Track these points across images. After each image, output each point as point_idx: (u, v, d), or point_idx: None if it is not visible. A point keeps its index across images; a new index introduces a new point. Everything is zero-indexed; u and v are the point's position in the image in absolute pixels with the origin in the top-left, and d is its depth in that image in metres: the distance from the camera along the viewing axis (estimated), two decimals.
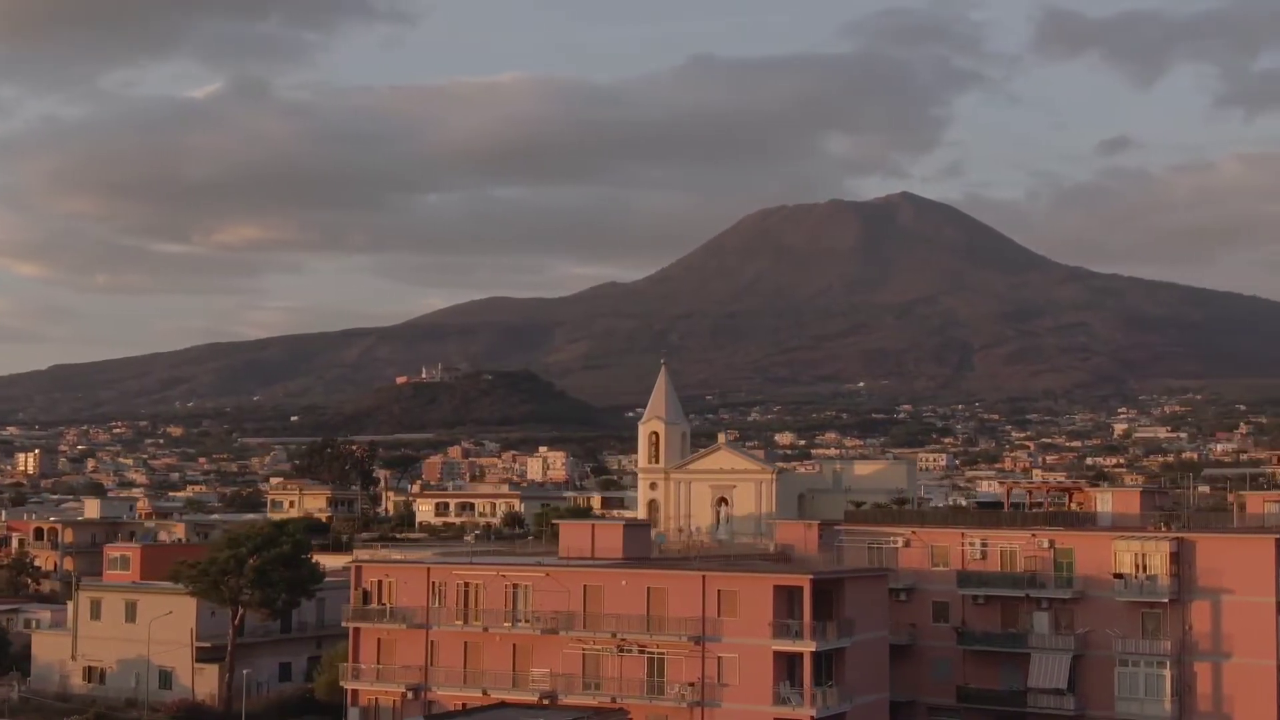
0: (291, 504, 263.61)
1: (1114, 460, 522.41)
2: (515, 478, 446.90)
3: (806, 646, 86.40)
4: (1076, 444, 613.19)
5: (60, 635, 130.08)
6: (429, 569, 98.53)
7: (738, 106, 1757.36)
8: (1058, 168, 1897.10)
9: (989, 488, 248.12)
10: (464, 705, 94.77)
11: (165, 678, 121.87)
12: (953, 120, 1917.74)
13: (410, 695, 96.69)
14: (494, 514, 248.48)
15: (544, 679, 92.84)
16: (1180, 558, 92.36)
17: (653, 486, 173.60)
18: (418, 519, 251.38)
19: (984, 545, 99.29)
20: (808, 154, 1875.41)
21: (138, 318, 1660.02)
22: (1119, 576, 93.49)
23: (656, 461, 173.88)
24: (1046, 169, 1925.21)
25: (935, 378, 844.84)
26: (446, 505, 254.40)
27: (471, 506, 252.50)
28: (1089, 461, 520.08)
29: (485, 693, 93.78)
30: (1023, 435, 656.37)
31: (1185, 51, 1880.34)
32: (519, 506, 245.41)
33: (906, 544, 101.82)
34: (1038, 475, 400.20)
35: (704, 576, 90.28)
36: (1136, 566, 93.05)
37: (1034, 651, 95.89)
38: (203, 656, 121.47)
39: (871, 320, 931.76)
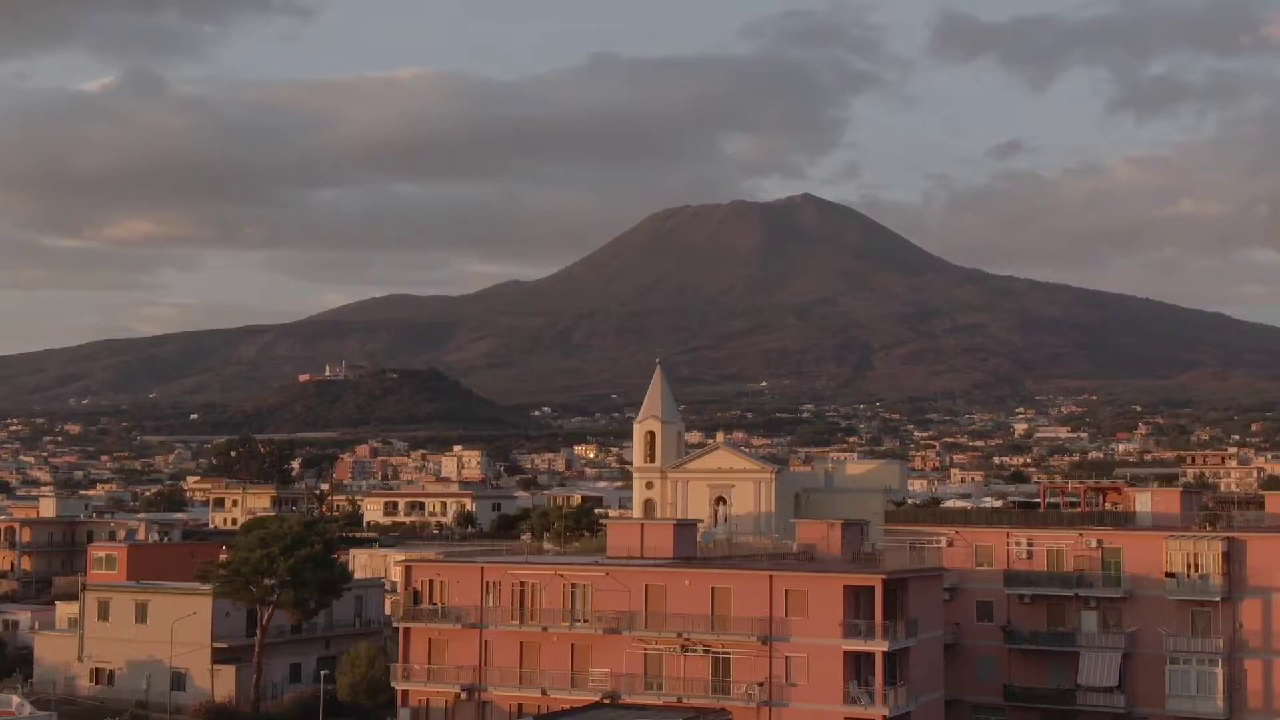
0: (235, 503, 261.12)
1: (1021, 460, 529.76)
2: (432, 477, 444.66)
3: (879, 646, 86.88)
4: (980, 443, 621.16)
5: (65, 637, 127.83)
6: (483, 568, 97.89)
7: (639, 106, 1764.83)
8: (952, 170, 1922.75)
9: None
10: (520, 706, 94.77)
11: (179, 679, 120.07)
12: (850, 122, 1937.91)
13: (464, 695, 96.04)
14: (444, 513, 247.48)
15: (604, 679, 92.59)
16: (1231, 557, 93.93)
17: (649, 486, 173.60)
18: (366, 519, 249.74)
19: (1030, 545, 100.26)
20: (708, 154, 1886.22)
21: (30, 313, 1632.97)
22: (1171, 575, 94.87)
23: (652, 461, 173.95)
24: (941, 172, 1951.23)
25: (836, 378, 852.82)
26: (396, 505, 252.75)
27: (422, 506, 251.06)
28: (996, 461, 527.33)
29: (544, 693, 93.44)
30: (925, 435, 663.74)
31: (1078, 56, 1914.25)
32: (471, 506, 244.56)
33: (950, 543, 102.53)
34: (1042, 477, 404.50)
35: (771, 576, 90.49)
36: (1189, 566, 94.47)
37: (1083, 650, 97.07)
38: (216, 658, 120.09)
39: (773, 320, 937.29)
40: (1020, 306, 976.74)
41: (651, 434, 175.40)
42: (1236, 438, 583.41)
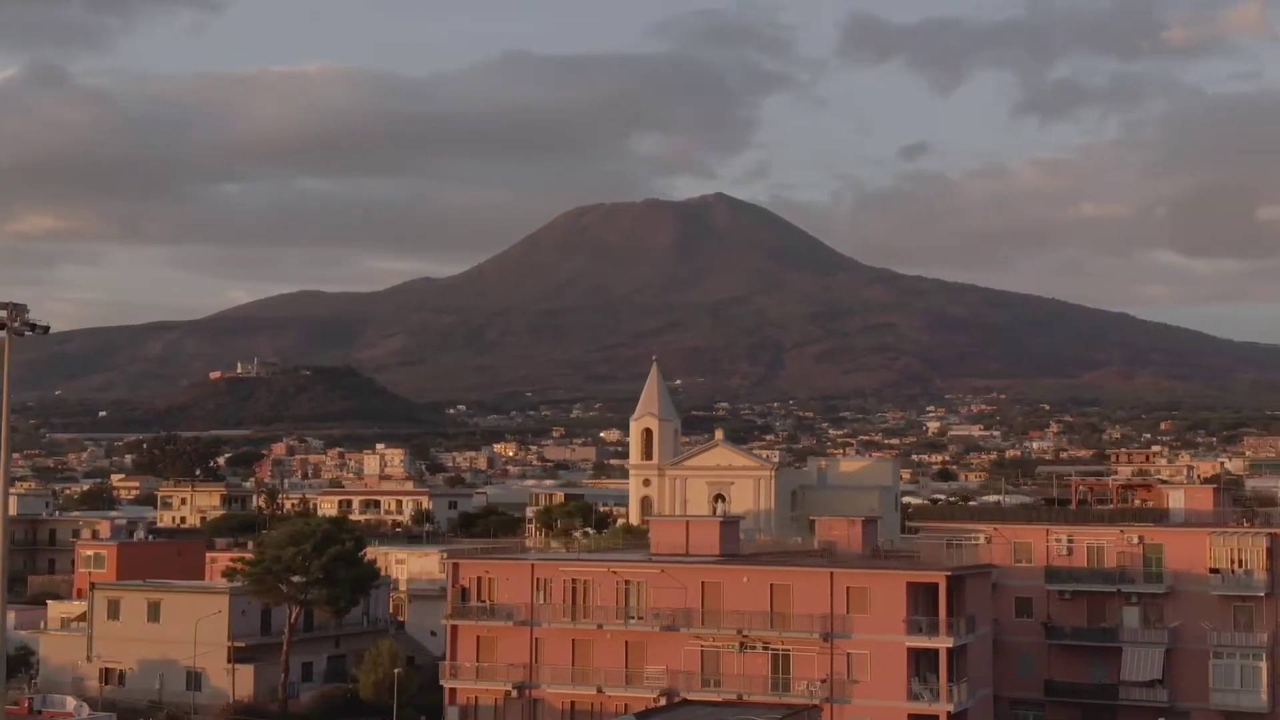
0: (184, 502, 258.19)
1: (940, 458, 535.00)
2: (352, 475, 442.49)
3: (943, 642, 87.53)
4: (895, 441, 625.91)
5: (73, 636, 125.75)
6: (533, 565, 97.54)
7: (550, 104, 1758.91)
8: (861, 171, 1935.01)
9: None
10: (572, 703, 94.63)
11: (195, 679, 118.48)
12: (761, 122, 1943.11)
13: (514, 693, 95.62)
14: (400, 511, 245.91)
15: (660, 676, 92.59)
16: (1274, 552, 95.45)
17: (646, 483, 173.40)
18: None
19: (1070, 542, 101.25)
20: (619, 152, 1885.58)
21: None
22: (1215, 571, 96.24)
23: (649, 458, 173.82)
24: (850, 172, 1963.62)
25: (749, 376, 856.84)
26: (350, 503, 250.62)
27: (378, 504, 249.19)
28: (915, 459, 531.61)
29: (600, 690, 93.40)
30: (840, 433, 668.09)
31: (985, 59, 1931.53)
32: (427, 504, 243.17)
33: (988, 540, 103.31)
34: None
35: (832, 573, 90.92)
36: (1232, 561, 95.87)
37: (1126, 645, 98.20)
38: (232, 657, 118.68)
39: (687, 319, 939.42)
40: (929, 306, 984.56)
41: (648, 431, 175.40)
42: (1147, 436, 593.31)
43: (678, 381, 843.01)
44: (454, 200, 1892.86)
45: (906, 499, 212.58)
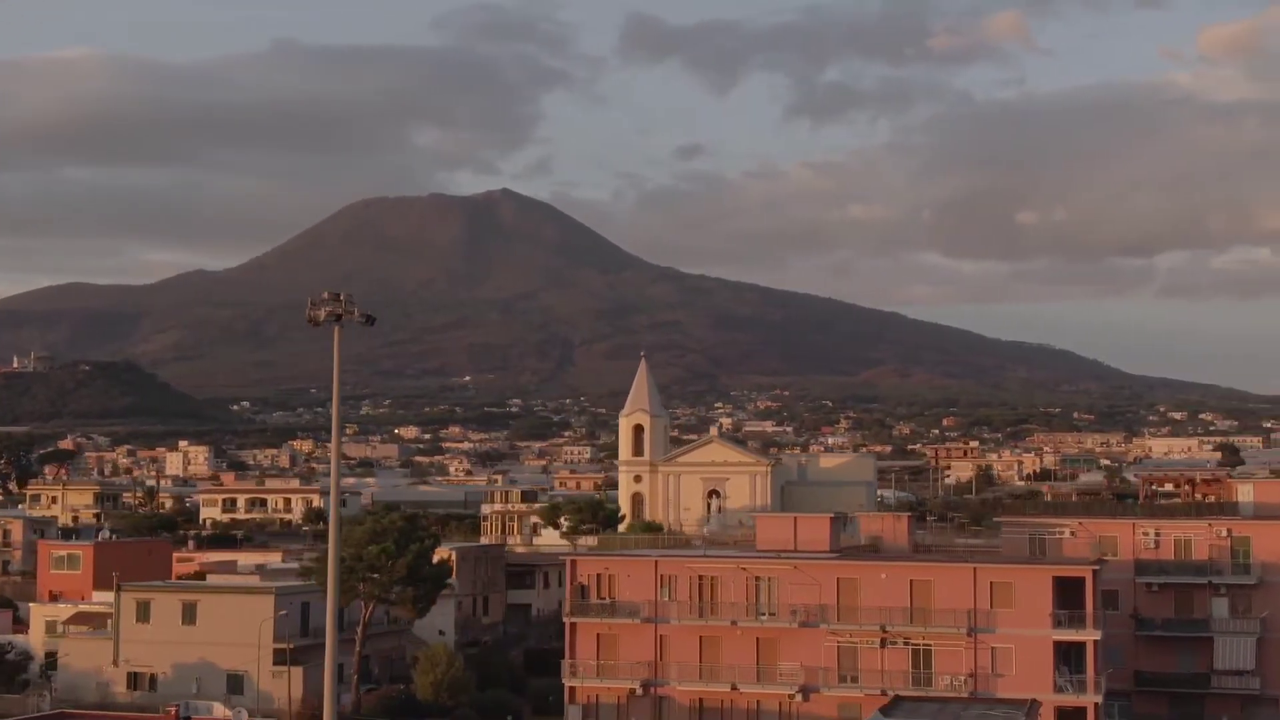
0: (54, 500, 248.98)
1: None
2: (156, 474, 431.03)
3: (1091, 635, 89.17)
4: (693, 437, 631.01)
5: (97, 641, 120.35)
6: (656, 562, 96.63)
7: (326, 94, 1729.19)
8: (640, 170, 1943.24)
9: None
10: (701, 700, 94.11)
11: (236, 682, 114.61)
12: (542, 118, 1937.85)
13: (640, 691, 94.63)
14: (288, 509, 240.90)
15: (796, 672, 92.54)
16: None
17: (637, 479, 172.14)
18: (203, 516, 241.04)
19: (1157, 535, 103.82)
20: (399, 146, 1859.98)
21: None
22: None
23: (640, 454, 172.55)
24: (630, 171, 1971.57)
25: (539, 372, 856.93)
26: (235, 501, 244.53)
27: (264, 502, 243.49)
28: None
29: (734, 687, 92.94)
30: None
31: (760, 62, 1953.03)
32: (319, 502, 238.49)
33: (1072, 534, 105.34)
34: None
35: (975, 569, 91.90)
36: None
37: (1217, 636, 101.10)
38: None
39: (475, 315, 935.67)
40: (712, 304, 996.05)
41: (639, 427, 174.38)
42: (936, 432, 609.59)
43: (467, 378, 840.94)
44: (229, 191, 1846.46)
45: None
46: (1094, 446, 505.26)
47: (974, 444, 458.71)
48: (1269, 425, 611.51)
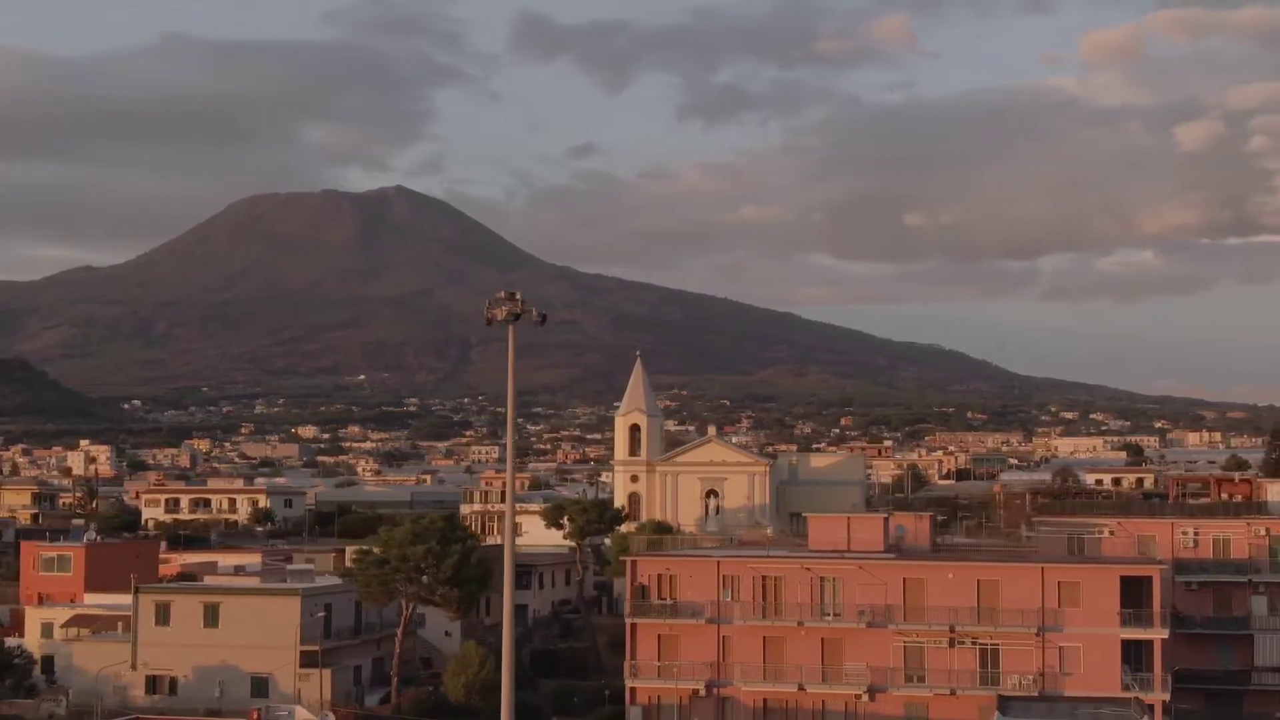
0: None
1: None
2: (57, 473, 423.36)
3: (1158, 634, 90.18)
4: (598, 435, 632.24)
5: (110, 644, 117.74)
6: (718, 562, 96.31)
7: (216, 89, 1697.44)
8: (533, 168, 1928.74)
9: None
10: (765, 701, 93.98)
11: (260, 685, 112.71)
12: (434, 115, 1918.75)
13: (703, 691, 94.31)
14: (233, 509, 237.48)
15: (863, 672, 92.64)
16: None
17: (634, 479, 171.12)
18: (145, 516, 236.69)
19: (1196, 534, 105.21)
20: (289, 141, 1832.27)
21: None
22: None
23: (637, 454, 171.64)
24: (523, 169, 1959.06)
25: (436, 371, 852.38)
26: (178, 501, 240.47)
27: (208, 503, 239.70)
28: None
29: (801, 688, 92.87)
30: (537, 428, 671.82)
31: (652, 62, 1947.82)
32: (265, 502, 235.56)
33: (1111, 533, 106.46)
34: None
35: (1043, 568, 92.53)
36: None
37: (1257, 633, 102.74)
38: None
39: (369, 312, 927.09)
40: (609, 304, 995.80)
41: (636, 427, 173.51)
42: (836, 431, 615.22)
43: (361, 377, 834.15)
44: (116, 187, 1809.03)
45: None
46: (997, 446, 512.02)
47: (888, 443, 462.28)
48: (1160, 425, 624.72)
